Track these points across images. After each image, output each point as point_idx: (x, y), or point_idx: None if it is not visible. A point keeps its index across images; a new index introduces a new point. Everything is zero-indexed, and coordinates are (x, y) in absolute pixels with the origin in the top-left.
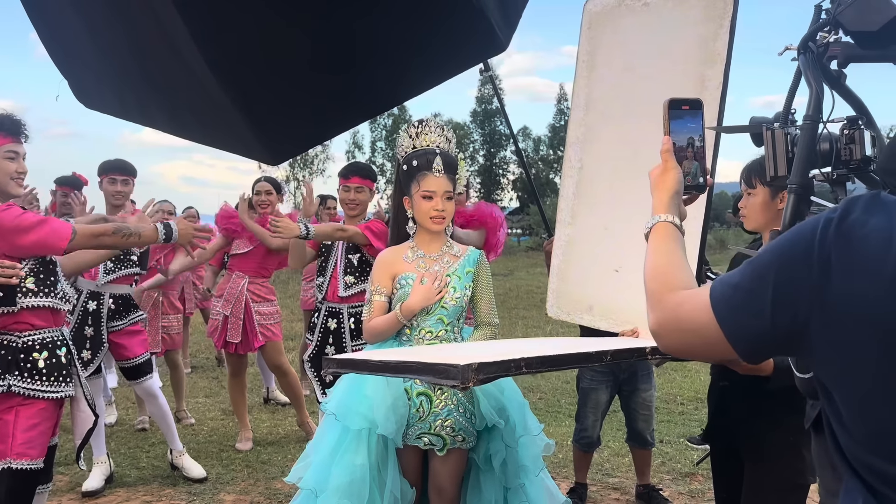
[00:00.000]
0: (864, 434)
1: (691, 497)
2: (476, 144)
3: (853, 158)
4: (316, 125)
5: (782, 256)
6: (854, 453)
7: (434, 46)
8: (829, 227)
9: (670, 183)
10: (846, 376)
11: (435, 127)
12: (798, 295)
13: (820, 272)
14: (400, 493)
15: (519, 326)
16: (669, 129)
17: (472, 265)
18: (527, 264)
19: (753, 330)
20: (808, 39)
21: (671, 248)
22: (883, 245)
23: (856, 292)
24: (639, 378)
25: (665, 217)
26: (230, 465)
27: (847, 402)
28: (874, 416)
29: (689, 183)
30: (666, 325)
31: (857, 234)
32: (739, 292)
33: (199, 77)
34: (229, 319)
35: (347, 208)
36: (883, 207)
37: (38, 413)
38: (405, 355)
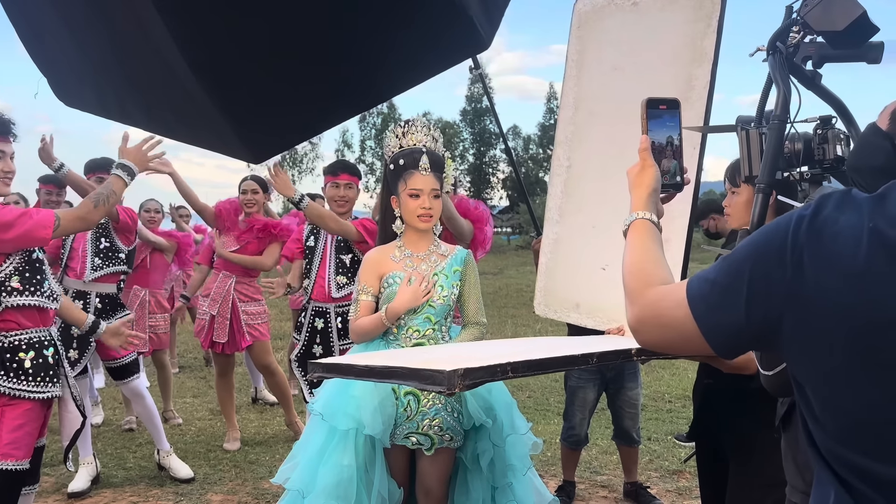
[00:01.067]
0: (835, 427)
1: (678, 494)
2: (466, 143)
3: (826, 158)
4: (297, 124)
5: (757, 253)
6: (826, 446)
7: (415, 44)
8: (802, 223)
9: (648, 181)
10: (817, 371)
11: (421, 126)
12: (772, 290)
13: (793, 268)
14: (388, 494)
15: (508, 325)
16: (647, 128)
17: (460, 264)
18: (516, 263)
19: (728, 325)
20: (775, 40)
21: (649, 244)
22: (853, 242)
23: (827, 288)
24: (625, 377)
25: (643, 214)
26: (218, 466)
27: (818, 395)
28: (844, 409)
29: (667, 181)
30: (644, 321)
31: (829, 230)
32: (715, 288)
33: (179, 76)
34: (216, 319)
35: (337, 205)
36: (854, 204)
37: (24, 413)
38: (391, 360)
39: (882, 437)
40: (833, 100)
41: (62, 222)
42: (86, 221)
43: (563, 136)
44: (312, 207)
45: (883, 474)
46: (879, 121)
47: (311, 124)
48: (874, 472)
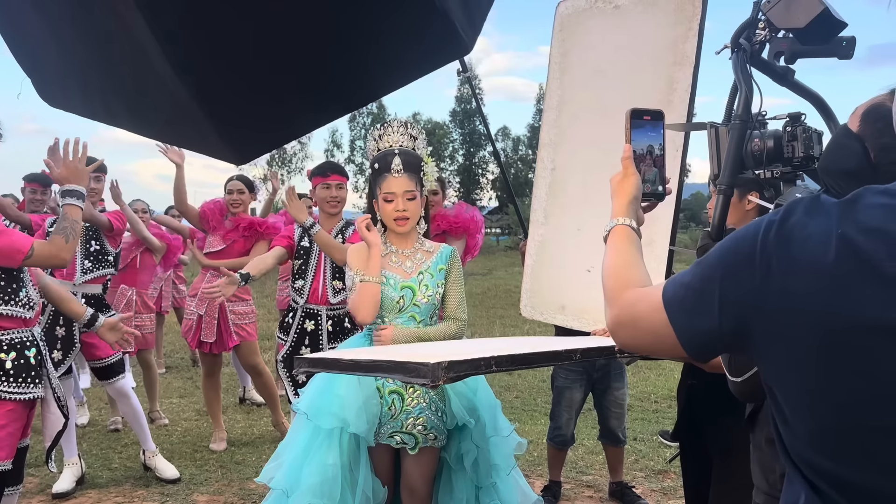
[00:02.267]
0: (805, 431)
1: (664, 494)
2: (455, 144)
3: (795, 156)
4: (280, 125)
5: (727, 258)
6: (796, 450)
7: (396, 47)
8: (771, 229)
9: (629, 188)
10: (787, 375)
11: (398, 126)
12: (742, 297)
13: (761, 275)
14: (372, 492)
15: (497, 325)
16: (630, 138)
17: (445, 262)
18: (505, 263)
19: (701, 329)
20: (738, 36)
21: (628, 249)
22: (821, 248)
23: (796, 293)
24: (612, 377)
25: (623, 220)
26: (204, 466)
27: (788, 400)
28: (813, 414)
29: (648, 190)
30: (621, 322)
31: (798, 236)
32: (689, 292)
33: (163, 76)
34: (203, 319)
35: (328, 206)
36: (822, 210)
37: (5, 414)
38: (376, 354)
39: (848, 441)
40: (810, 95)
41: (35, 253)
42: (59, 259)
43: (548, 138)
44: (321, 236)
45: (848, 479)
46: (850, 122)
47: (295, 125)
48: (840, 477)
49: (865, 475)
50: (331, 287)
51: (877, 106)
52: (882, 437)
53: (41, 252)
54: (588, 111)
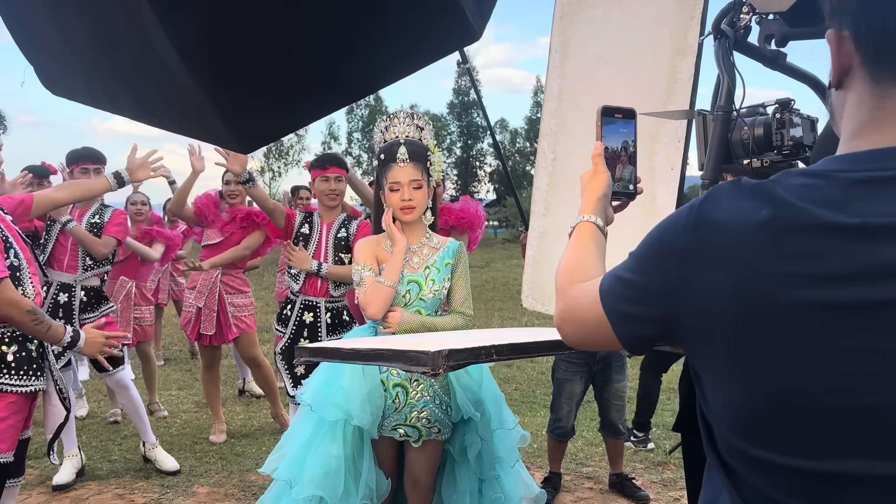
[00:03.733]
0: (730, 419)
1: (664, 486)
2: (453, 136)
3: (784, 143)
4: (286, 114)
5: (653, 246)
6: (721, 436)
7: (405, 34)
8: (691, 214)
9: (599, 185)
10: (710, 363)
11: (404, 117)
12: (665, 285)
13: (680, 262)
14: (375, 485)
15: (495, 318)
16: (601, 135)
17: (451, 257)
18: (503, 256)
19: (633, 319)
20: (719, 22)
21: (587, 245)
22: (739, 232)
23: (711, 281)
24: (612, 369)
25: (588, 217)
26: (204, 458)
27: (714, 389)
28: (737, 402)
29: (619, 189)
30: (564, 318)
31: (718, 219)
32: (622, 283)
33: (167, 64)
34: (202, 311)
35: (327, 199)
36: (743, 193)
37: (7, 407)
38: (377, 343)
39: (772, 424)
40: (805, 77)
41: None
42: (9, 316)
43: (548, 128)
44: (332, 271)
45: (776, 464)
46: None
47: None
48: (768, 462)
49: (790, 458)
50: (331, 281)
51: None
52: (805, 416)
53: (5, 293)
54: (589, 100)
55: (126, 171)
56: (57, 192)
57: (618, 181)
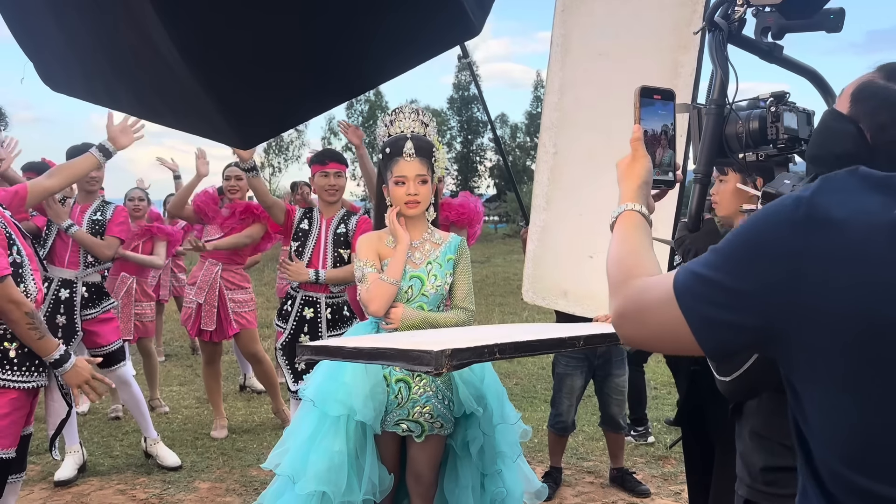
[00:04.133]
0: (834, 440)
1: (664, 480)
2: (453, 131)
3: (779, 137)
4: (286, 110)
5: (749, 244)
6: (823, 460)
7: (404, 30)
8: (799, 211)
9: (639, 172)
10: (820, 377)
11: (409, 112)
12: (768, 288)
13: (790, 266)
14: (378, 480)
15: (496, 313)
16: (640, 118)
17: (453, 252)
18: (504, 251)
19: (721, 326)
20: (712, 15)
21: (637, 236)
22: (867, 232)
23: (835, 285)
24: (612, 364)
25: (632, 206)
26: (205, 453)
27: (820, 407)
28: (847, 422)
29: (659, 176)
30: (625, 315)
31: (834, 216)
32: (706, 283)
33: (167, 61)
34: (203, 307)
35: (327, 194)
36: (864, 186)
37: (9, 403)
38: (380, 342)
39: (884, 453)
40: (803, 69)
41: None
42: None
43: (549, 121)
44: (332, 275)
45: (881, 495)
46: (839, 105)
47: (301, 110)
48: (871, 492)
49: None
50: None
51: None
52: None
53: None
54: (591, 94)
55: (108, 140)
56: (49, 179)
57: (657, 166)
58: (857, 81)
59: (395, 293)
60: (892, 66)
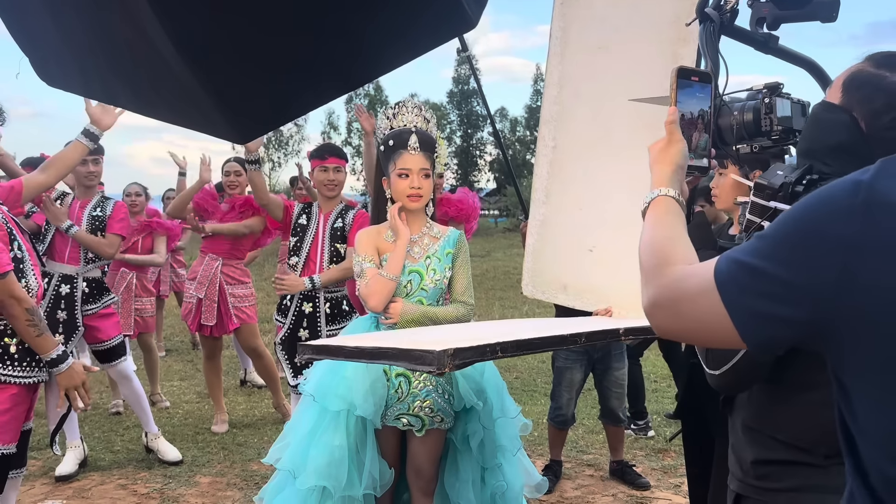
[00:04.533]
0: (891, 443)
1: (664, 472)
2: (453, 125)
3: (773, 129)
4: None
5: (801, 231)
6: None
7: (399, 22)
8: (858, 193)
9: (674, 156)
10: (874, 373)
11: (412, 107)
12: (822, 279)
13: (847, 252)
14: (378, 474)
15: (496, 307)
16: (676, 100)
17: (452, 246)
18: (504, 245)
19: (769, 320)
20: (703, 6)
21: (672, 222)
22: None
23: (893, 279)
24: (612, 357)
25: (665, 191)
26: (206, 448)
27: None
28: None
29: (693, 162)
30: (660, 304)
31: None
32: (751, 272)
33: (163, 54)
34: (203, 302)
35: (326, 189)
36: None
37: (9, 398)
38: (381, 341)
39: None
40: (800, 60)
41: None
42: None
43: (549, 115)
44: (327, 277)
45: None
46: (830, 96)
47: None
48: None
49: None
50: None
51: (858, 72)
52: None
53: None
54: (590, 87)
55: (91, 124)
56: (42, 173)
57: (692, 150)
58: (847, 71)
59: (394, 289)
60: (882, 55)
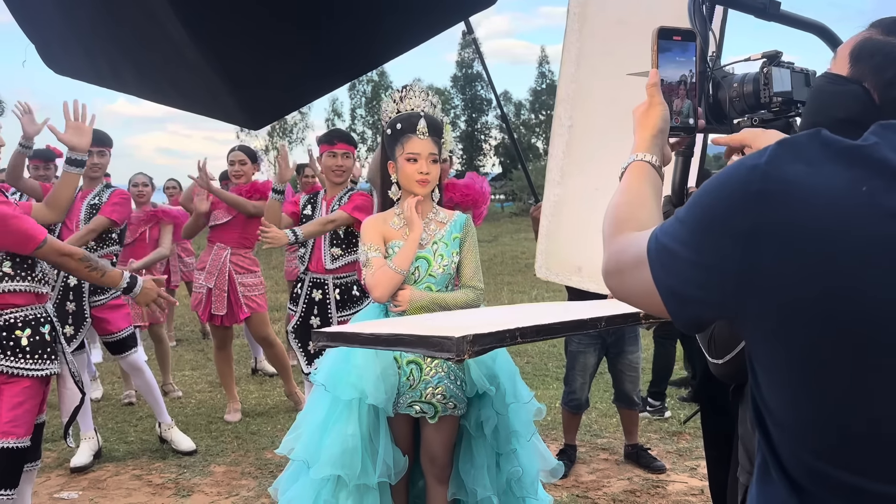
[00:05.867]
0: (797, 425)
1: (679, 455)
2: (457, 110)
3: (773, 100)
4: (297, 88)
5: (706, 218)
6: (784, 446)
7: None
8: (753, 180)
9: (654, 120)
10: (779, 362)
11: (419, 91)
12: (728, 265)
13: (745, 240)
14: (392, 462)
15: (504, 292)
16: (657, 62)
17: (459, 230)
18: (511, 230)
19: (689, 302)
20: None
21: (639, 187)
22: (832, 207)
23: (789, 266)
24: (626, 340)
25: (642, 156)
26: (219, 437)
27: (778, 388)
28: (812, 407)
29: (677, 123)
30: (609, 271)
31: (795, 190)
32: (672, 256)
33: (175, 41)
34: (213, 292)
35: (334, 175)
36: (826, 156)
37: (22, 391)
38: (397, 327)
39: (870, 445)
40: (807, 24)
41: (45, 248)
42: (62, 262)
43: (565, 93)
44: (307, 230)
45: (869, 491)
46: (836, 67)
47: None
48: (858, 489)
49: (889, 485)
50: (328, 255)
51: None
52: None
53: (52, 246)
54: (609, 64)
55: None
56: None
57: (676, 115)
58: (853, 41)
59: (400, 282)
60: (890, 20)
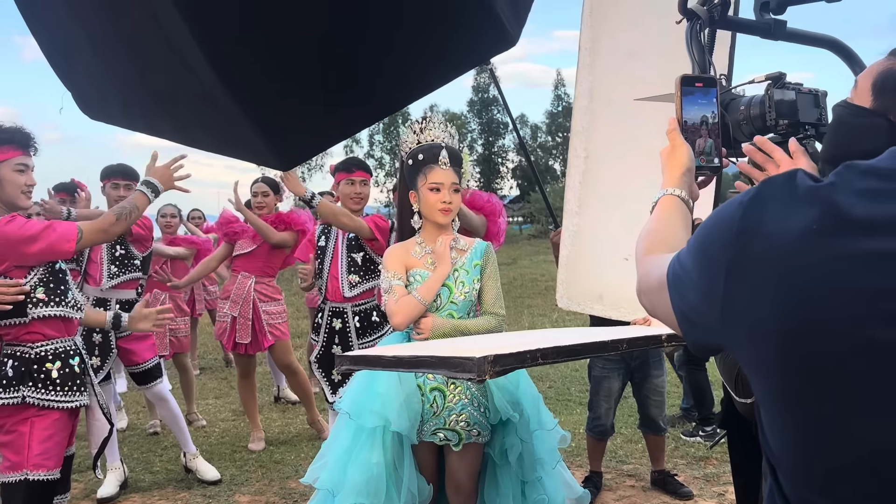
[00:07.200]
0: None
1: (706, 481)
2: (474, 134)
3: (779, 123)
4: (328, 129)
5: (703, 248)
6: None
7: (445, 46)
8: (735, 219)
9: (681, 159)
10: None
11: (438, 122)
12: (717, 295)
13: (728, 274)
14: (417, 490)
15: (525, 315)
16: (681, 107)
17: (479, 257)
18: (530, 252)
19: (694, 323)
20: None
21: (670, 217)
22: (786, 247)
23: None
24: (650, 365)
25: (672, 190)
26: (244, 466)
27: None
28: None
29: (703, 163)
30: (640, 291)
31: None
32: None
33: (206, 87)
34: (238, 320)
35: (353, 202)
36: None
37: (53, 424)
38: (419, 350)
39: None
40: (819, 40)
41: (84, 234)
42: (107, 234)
43: (580, 125)
44: (324, 205)
45: None
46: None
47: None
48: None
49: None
50: (346, 282)
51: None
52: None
53: (89, 229)
54: (622, 95)
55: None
56: (113, 225)
57: (699, 155)
58: (875, 71)
59: (422, 311)
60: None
